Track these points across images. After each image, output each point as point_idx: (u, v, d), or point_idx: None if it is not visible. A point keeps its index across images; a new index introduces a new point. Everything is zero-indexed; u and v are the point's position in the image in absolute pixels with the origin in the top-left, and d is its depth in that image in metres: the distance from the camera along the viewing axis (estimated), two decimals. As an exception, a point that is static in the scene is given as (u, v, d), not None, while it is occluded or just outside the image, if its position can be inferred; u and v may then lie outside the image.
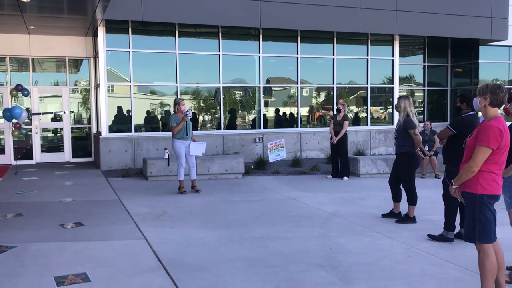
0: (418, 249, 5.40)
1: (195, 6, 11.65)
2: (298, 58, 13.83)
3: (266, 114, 13.85)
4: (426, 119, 15.78)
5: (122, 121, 12.36)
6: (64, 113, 13.61)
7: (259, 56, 13.41)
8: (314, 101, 14.48)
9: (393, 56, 14.87)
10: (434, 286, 4.30)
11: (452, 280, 4.46)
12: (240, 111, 13.71)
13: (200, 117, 13.27)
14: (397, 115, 11.14)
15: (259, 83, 13.54)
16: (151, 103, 12.89)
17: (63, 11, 10.45)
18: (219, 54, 12.97)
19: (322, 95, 14.55)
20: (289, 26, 12.68)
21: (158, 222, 6.64)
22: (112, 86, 12.27)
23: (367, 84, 14.76)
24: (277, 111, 14.07)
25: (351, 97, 14.91)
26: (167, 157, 10.56)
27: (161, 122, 12.91)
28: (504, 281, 3.98)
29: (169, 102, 12.80)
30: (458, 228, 5.86)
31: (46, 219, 6.79)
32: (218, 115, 13.26)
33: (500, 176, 3.81)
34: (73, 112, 13.89)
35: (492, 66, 16.51)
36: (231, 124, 13.48)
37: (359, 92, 14.93)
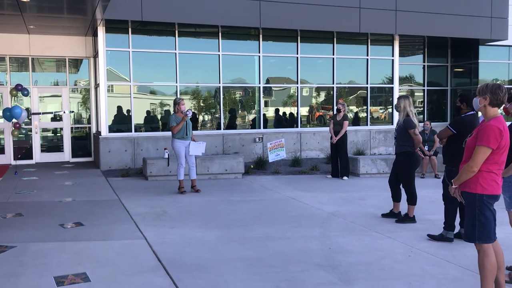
0: (418, 249, 5.40)
1: (195, 6, 11.65)
2: (298, 58, 13.84)
3: (266, 114, 13.85)
4: (426, 119, 15.78)
5: (122, 121, 12.36)
6: (64, 113, 13.61)
7: (259, 56, 13.41)
8: (314, 101, 14.48)
9: (393, 56, 14.88)
10: (434, 286, 4.30)
11: (452, 280, 4.46)
12: (240, 111, 13.70)
13: (200, 117, 13.27)
14: (397, 115, 11.14)
15: (259, 83, 13.54)
16: (151, 103, 12.89)
17: (63, 11, 10.45)
18: (219, 54, 12.97)
19: (322, 95, 14.55)
20: (289, 26, 12.68)
21: (158, 222, 6.64)
22: (112, 86, 12.27)
23: (367, 84, 14.76)
24: (277, 111, 14.07)
25: (351, 97, 14.92)
26: (167, 157, 10.56)
27: (161, 122, 12.91)
28: (504, 281, 3.98)
29: (169, 102, 12.81)
30: (458, 228, 5.86)
31: (46, 219, 6.79)
32: (218, 115, 13.26)
33: (500, 176, 3.81)
34: (73, 112, 13.89)
35: (492, 66, 16.51)
36: (231, 124, 13.48)
37: (359, 92, 14.93)
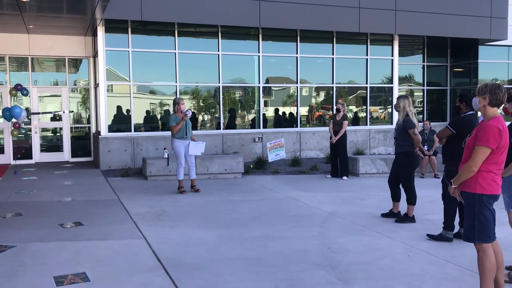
0: (417, 248, 5.41)
1: (195, 6, 11.65)
2: (297, 57, 13.84)
3: (266, 114, 13.85)
4: (425, 119, 15.78)
5: (121, 120, 12.36)
6: (63, 112, 13.61)
7: (259, 55, 13.41)
8: (313, 100, 14.48)
9: (392, 55, 14.88)
10: (434, 286, 4.30)
11: (451, 279, 4.47)
12: (239, 111, 13.70)
13: (199, 116, 13.27)
14: (396, 115, 11.15)
15: (259, 83, 13.54)
16: (151, 103, 12.89)
17: (63, 11, 10.45)
18: (219, 54, 12.97)
19: (322, 95, 14.56)
20: (288, 25, 12.68)
21: (157, 222, 6.64)
22: (111, 85, 12.27)
23: (367, 83, 14.76)
24: (276, 111, 14.07)
25: (351, 96, 14.92)
26: (167, 156, 10.56)
27: (160, 121, 12.91)
28: (503, 280, 3.98)
29: (168, 102, 12.81)
30: (457, 227, 5.87)
31: (45, 219, 6.79)
32: (217, 115, 13.26)
33: (499, 175, 3.81)
34: (72, 111, 13.88)
35: (491, 66, 16.52)
36: (231, 123, 13.48)
37: (359, 91, 14.93)
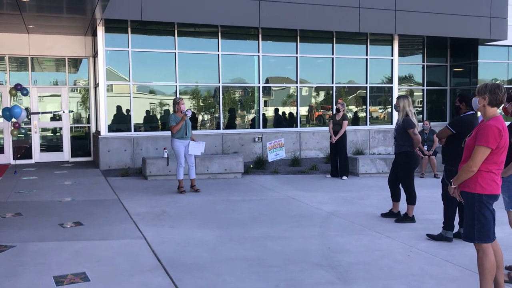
0: (417, 248, 5.41)
1: (195, 6, 11.65)
2: (297, 57, 13.84)
3: (266, 114, 13.85)
4: (425, 119, 15.79)
5: (121, 120, 12.36)
6: (63, 112, 13.61)
7: (259, 55, 13.41)
8: (313, 100, 14.48)
9: (392, 55, 14.88)
10: (433, 286, 4.31)
11: (451, 279, 4.47)
12: (239, 111, 13.70)
13: (199, 116, 13.27)
14: (396, 115, 11.15)
15: (259, 83, 13.54)
16: (151, 103, 12.88)
17: (62, 11, 10.45)
18: (219, 54, 12.97)
19: (321, 95, 14.56)
20: (288, 25, 12.68)
21: (157, 222, 6.64)
22: (111, 85, 12.27)
23: (366, 83, 14.76)
24: (276, 111, 14.07)
25: (350, 96, 14.92)
26: (166, 156, 10.56)
27: (160, 121, 12.91)
28: (503, 280, 3.99)
29: (168, 102, 12.81)
30: (457, 227, 5.87)
31: (45, 219, 6.79)
32: (217, 115, 13.26)
33: (499, 175, 3.81)
34: (72, 111, 13.88)
35: (491, 66, 16.52)
36: (231, 123, 13.48)
37: (358, 91, 14.93)
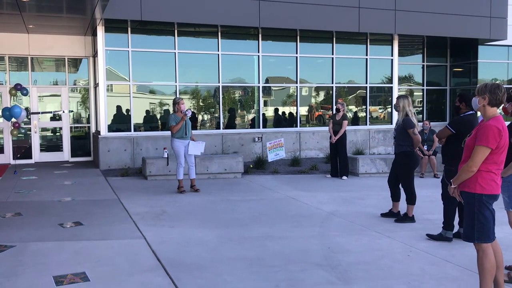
0: (417, 248, 5.41)
1: (195, 6, 11.65)
2: (297, 57, 13.84)
3: (265, 114, 13.85)
4: (425, 119, 15.79)
5: (121, 120, 12.36)
6: (63, 112, 13.60)
7: (258, 55, 13.41)
8: (313, 100, 14.48)
9: (392, 55, 14.88)
10: (433, 286, 4.31)
11: (451, 279, 4.47)
12: (239, 111, 13.70)
13: (199, 116, 13.27)
14: (396, 115, 11.15)
15: (258, 83, 13.54)
16: (150, 103, 12.88)
17: (62, 11, 10.45)
18: (219, 54, 12.97)
19: (321, 95, 14.56)
20: (288, 25, 12.68)
21: (157, 222, 6.64)
22: (111, 85, 12.26)
23: (366, 83, 14.76)
24: (276, 111, 14.07)
25: (350, 96, 14.92)
26: (166, 156, 10.56)
27: (160, 121, 12.91)
28: (502, 280, 3.99)
29: (168, 102, 12.81)
30: (457, 227, 5.87)
31: (45, 219, 6.78)
32: (217, 115, 13.26)
33: (499, 175, 3.81)
34: (72, 111, 13.88)
35: (491, 66, 16.52)
36: (230, 123, 13.48)
37: (358, 91, 14.93)
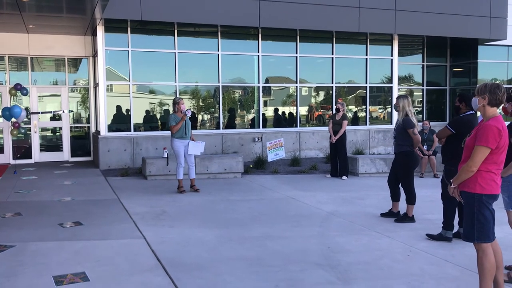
0: (416, 248, 5.41)
1: (195, 6, 11.65)
2: (297, 57, 13.84)
3: (265, 114, 13.85)
4: (425, 119, 15.80)
5: (121, 120, 12.36)
6: (63, 112, 13.60)
7: (258, 55, 13.41)
8: (313, 100, 14.48)
9: (392, 55, 14.88)
10: (433, 286, 4.31)
11: (451, 279, 4.47)
12: (239, 111, 13.70)
13: (199, 116, 13.27)
14: (396, 115, 11.15)
15: (258, 83, 13.54)
16: (150, 103, 12.89)
17: (62, 11, 10.44)
18: (218, 54, 12.97)
19: (321, 95, 14.56)
20: (288, 25, 12.68)
21: (157, 222, 6.64)
22: (111, 85, 12.26)
23: (366, 83, 14.76)
24: (276, 111, 14.07)
25: (350, 96, 14.92)
26: (166, 156, 10.56)
27: (160, 121, 12.91)
28: (502, 280, 3.99)
29: (168, 102, 12.81)
30: (456, 227, 5.87)
31: (45, 218, 6.78)
32: (217, 115, 13.26)
33: (498, 175, 3.81)
34: (72, 111, 13.88)
35: (491, 66, 16.52)
36: (230, 123, 13.48)
37: (358, 91, 14.93)
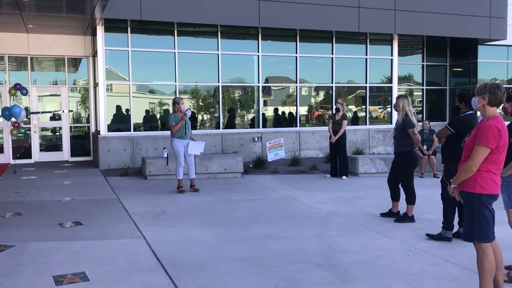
0: (416, 248, 5.41)
1: (194, 5, 11.65)
2: (297, 57, 13.83)
3: (265, 113, 13.85)
4: (424, 119, 15.81)
5: (121, 120, 12.36)
6: (63, 112, 13.60)
7: (258, 55, 13.41)
8: (313, 100, 14.48)
9: (392, 55, 14.88)
10: (433, 285, 4.31)
11: (450, 279, 4.47)
12: (239, 110, 13.70)
13: (199, 116, 13.26)
14: (395, 115, 11.15)
15: (258, 82, 13.54)
16: (150, 102, 12.88)
17: (62, 10, 10.44)
18: (218, 53, 12.97)
19: (321, 94, 14.56)
20: (288, 25, 12.68)
21: (157, 221, 6.64)
22: (111, 85, 12.26)
23: (366, 83, 14.76)
24: (276, 110, 14.07)
25: (350, 96, 14.92)
26: (166, 156, 10.56)
27: (160, 121, 12.91)
28: (502, 280, 3.99)
29: (168, 101, 12.80)
30: (456, 227, 5.87)
31: (44, 218, 6.78)
32: (217, 114, 13.26)
33: (498, 175, 3.81)
34: (72, 111, 13.88)
35: (490, 66, 16.52)
36: (230, 123, 13.48)
37: (358, 91, 14.93)
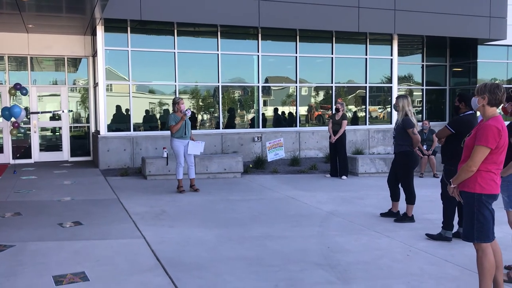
0: (416, 248, 5.41)
1: (194, 5, 11.65)
2: (297, 57, 13.84)
3: (265, 113, 13.86)
4: (424, 119, 15.81)
5: (120, 120, 12.36)
6: (62, 112, 13.60)
7: (258, 55, 13.41)
8: (312, 100, 14.48)
9: (391, 55, 14.89)
10: (433, 285, 4.31)
11: (450, 279, 4.47)
12: (239, 110, 13.70)
13: (199, 116, 13.27)
14: (395, 114, 11.16)
15: (258, 82, 13.54)
16: (150, 102, 12.89)
17: (62, 10, 10.44)
18: (218, 53, 12.97)
19: (321, 94, 14.56)
20: (288, 25, 12.68)
21: (156, 221, 6.64)
22: (110, 85, 12.26)
23: (366, 83, 14.77)
24: (275, 110, 14.07)
25: (350, 96, 14.92)
26: (166, 156, 10.56)
27: (159, 121, 12.91)
28: (502, 280, 3.99)
29: (168, 101, 12.81)
30: (456, 227, 5.87)
31: (44, 218, 6.78)
32: (217, 114, 13.26)
33: (498, 175, 3.81)
34: (71, 111, 13.88)
35: (490, 66, 16.52)
36: (230, 123, 13.48)
37: (358, 91, 14.94)
